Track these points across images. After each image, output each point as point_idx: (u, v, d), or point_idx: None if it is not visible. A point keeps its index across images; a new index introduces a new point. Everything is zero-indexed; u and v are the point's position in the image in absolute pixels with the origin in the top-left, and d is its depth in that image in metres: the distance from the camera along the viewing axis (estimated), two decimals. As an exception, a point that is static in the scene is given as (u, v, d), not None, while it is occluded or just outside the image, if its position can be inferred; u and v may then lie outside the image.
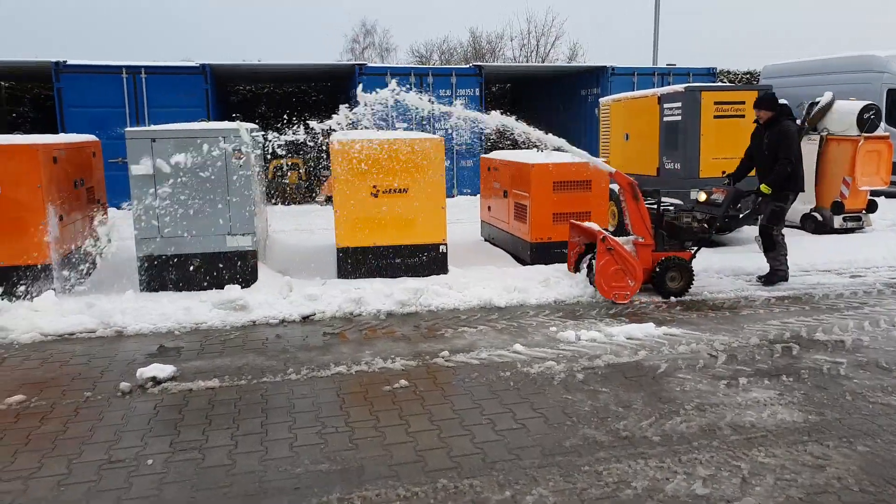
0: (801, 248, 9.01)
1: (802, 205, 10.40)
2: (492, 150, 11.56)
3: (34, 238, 6.36)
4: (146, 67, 13.73)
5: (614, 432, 3.82)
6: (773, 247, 7.30)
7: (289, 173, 15.08)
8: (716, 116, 8.93)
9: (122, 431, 3.91)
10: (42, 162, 6.40)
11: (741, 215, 7.29)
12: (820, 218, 10.11)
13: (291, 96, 21.56)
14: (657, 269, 6.69)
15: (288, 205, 14.23)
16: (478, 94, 15.26)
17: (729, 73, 20.86)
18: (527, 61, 36.11)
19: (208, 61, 13.98)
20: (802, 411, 4.09)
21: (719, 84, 16.74)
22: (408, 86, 15.19)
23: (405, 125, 14.92)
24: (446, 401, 4.30)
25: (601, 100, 11.72)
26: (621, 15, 59.80)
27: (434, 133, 10.43)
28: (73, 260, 7.05)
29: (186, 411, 4.18)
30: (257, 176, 7.65)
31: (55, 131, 12.88)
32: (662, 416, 4.03)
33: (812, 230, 10.20)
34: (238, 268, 6.91)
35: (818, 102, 10.13)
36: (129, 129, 6.72)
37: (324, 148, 6.47)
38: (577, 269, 7.18)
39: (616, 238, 6.68)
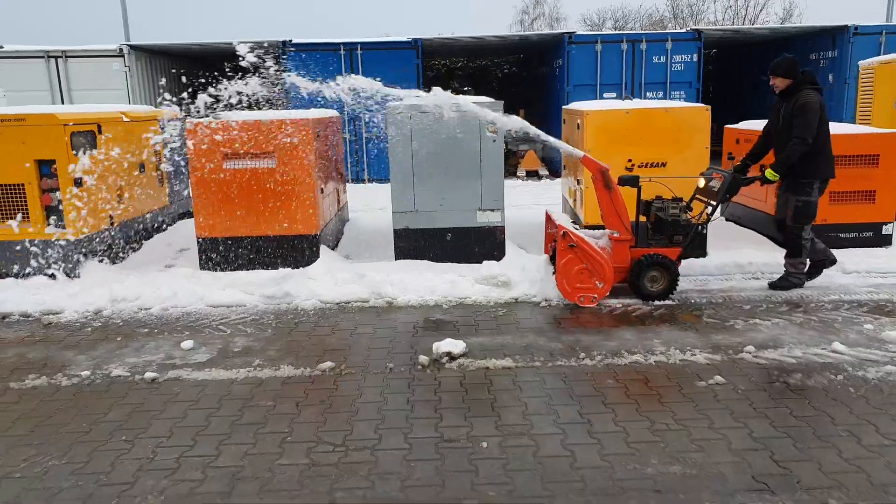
0: None
1: None
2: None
3: (305, 210, 6.66)
4: (362, 44, 14.17)
5: None
6: (798, 252, 5.91)
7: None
8: None
9: (440, 408, 3.88)
10: (312, 136, 6.67)
11: None
12: None
13: (483, 70, 21.55)
14: (633, 269, 5.71)
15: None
16: (696, 59, 14.11)
17: None
18: (732, 24, 33.28)
19: (419, 36, 14.18)
20: None
21: None
22: (619, 53, 14.45)
23: (613, 94, 14.24)
24: (778, 404, 3.82)
25: (861, 63, 10.25)
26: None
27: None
28: (330, 230, 7.37)
29: (494, 391, 4.08)
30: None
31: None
32: None
33: None
34: (488, 243, 6.83)
35: None
36: (390, 103, 6.81)
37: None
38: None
39: (585, 232, 5.75)
